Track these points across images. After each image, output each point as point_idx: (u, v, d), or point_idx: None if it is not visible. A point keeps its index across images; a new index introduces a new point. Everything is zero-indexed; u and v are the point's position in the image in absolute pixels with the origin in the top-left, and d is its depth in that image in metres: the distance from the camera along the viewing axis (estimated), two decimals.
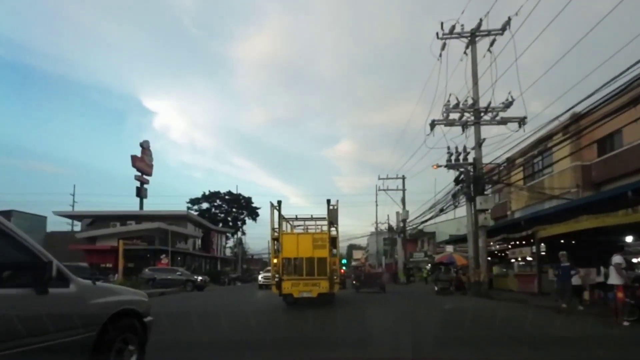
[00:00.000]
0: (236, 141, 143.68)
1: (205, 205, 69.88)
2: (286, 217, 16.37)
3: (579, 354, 6.83)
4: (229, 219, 71.89)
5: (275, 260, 14.67)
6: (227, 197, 70.06)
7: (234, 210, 71.66)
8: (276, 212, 14.54)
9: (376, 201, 50.13)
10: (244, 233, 72.21)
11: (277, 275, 14.04)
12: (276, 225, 14.61)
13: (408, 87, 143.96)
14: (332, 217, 14.77)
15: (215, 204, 70.47)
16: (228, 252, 73.79)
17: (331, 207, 14.75)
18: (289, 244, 14.10)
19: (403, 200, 42.64)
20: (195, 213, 67.71)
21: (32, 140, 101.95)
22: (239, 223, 71.95)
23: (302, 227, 17.48)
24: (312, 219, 17.08)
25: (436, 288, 22.78)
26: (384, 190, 43.23)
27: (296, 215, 17.36)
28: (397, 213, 42.95)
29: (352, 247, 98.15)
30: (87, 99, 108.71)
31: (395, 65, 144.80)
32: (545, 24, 14.67)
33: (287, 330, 9.50)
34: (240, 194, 70.06)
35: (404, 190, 42.91)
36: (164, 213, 44.52)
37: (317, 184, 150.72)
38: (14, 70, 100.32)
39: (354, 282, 25.72)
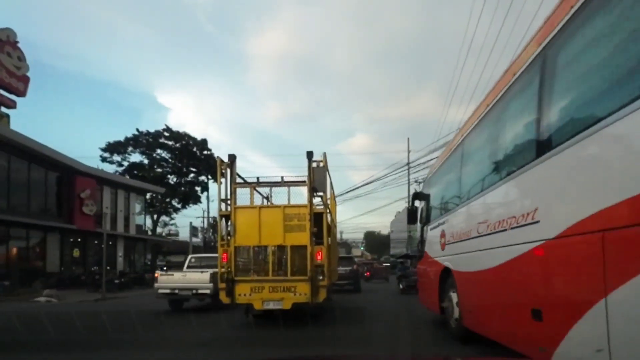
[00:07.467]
0: (251, 136, 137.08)
1: (137, 158, 40.87)
2: (245, 181, 10.32)
3: None
4: (183, 182, 43.17)
5: (224, 250, 9.22)
6: (171, 142, 40.92)
7: (191, 169, 42.85)
8: (229, 175, 9.30)
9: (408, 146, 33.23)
10: (196, 202, 43.50)
11: (227, 275, 8.99)
12: (228, 195, 9.30)
13: (424, 80, 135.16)
14: (318, 181, 9.25)
15: (156, 155, 41.29)
16: (183, 233, 46.04)
17: (315, 165, 9.25)
18: (245, 225, 9.12)
19: None
20: (118, 170, 38.87)
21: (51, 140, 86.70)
22: (198, 189, 43.24)
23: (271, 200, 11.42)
24: (283, 183, 10.52)
25: None
26: None
27: (257, 178, 10.69)
28: None
29: (370, 235, 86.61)
30: (104, 97, 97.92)
31: (412, 57, 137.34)
32: None
33: None
34: (187, 135, 40.85)
35: None
36: None
37: (333, 178, 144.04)
38: (36, 70, 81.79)
39: (365, 274, 30.11)
